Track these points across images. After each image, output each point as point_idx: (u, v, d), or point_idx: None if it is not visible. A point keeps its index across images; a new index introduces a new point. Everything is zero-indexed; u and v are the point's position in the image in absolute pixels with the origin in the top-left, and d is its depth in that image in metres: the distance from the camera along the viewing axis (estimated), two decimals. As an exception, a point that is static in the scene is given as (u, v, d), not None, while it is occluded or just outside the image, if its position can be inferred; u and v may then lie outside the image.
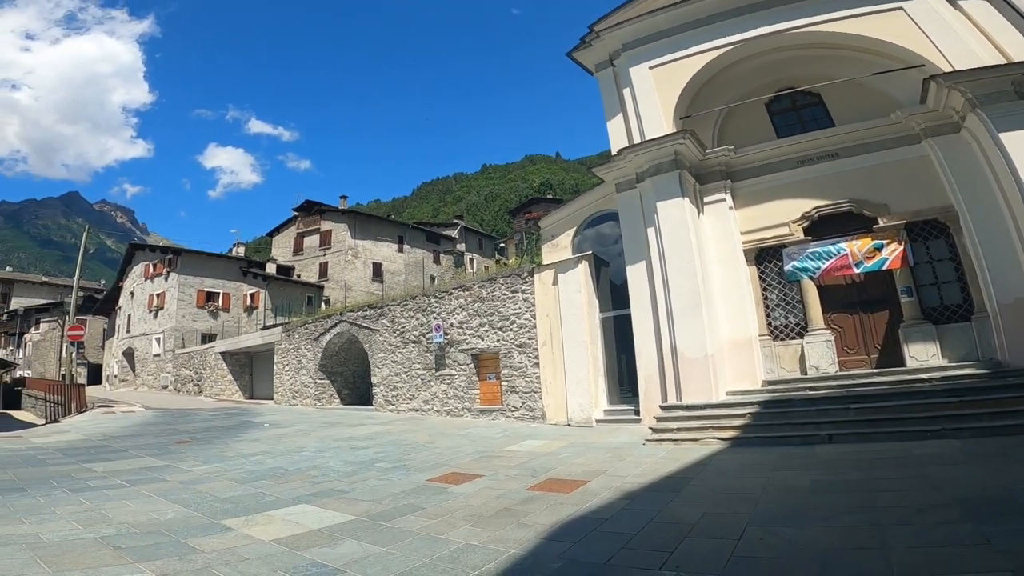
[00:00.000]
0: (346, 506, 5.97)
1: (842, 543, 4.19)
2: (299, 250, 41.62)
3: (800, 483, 6.11)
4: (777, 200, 11.74)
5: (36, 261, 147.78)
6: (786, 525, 4.70)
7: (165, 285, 32.95)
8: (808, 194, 11.48)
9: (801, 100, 12.34)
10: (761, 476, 6.56)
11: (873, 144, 11.03)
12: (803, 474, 6.49)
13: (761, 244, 11.85)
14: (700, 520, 5.00)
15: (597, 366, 12.70)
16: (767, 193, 11.86)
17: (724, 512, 5.24)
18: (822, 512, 4.96)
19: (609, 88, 13.08)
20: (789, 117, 12.47)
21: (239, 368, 26.66)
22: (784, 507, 5.27)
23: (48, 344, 39.64)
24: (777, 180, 11.81)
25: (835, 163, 11.36)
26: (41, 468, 8.56)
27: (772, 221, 11.70)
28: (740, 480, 6.56)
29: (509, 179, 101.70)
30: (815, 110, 12.20)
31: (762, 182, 11.94)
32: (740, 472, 6.97)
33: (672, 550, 4.28)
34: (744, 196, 12.09)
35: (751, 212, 11.97)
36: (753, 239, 11.88)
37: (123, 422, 16.07)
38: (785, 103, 12.48)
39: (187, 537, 4.77)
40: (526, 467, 7.95)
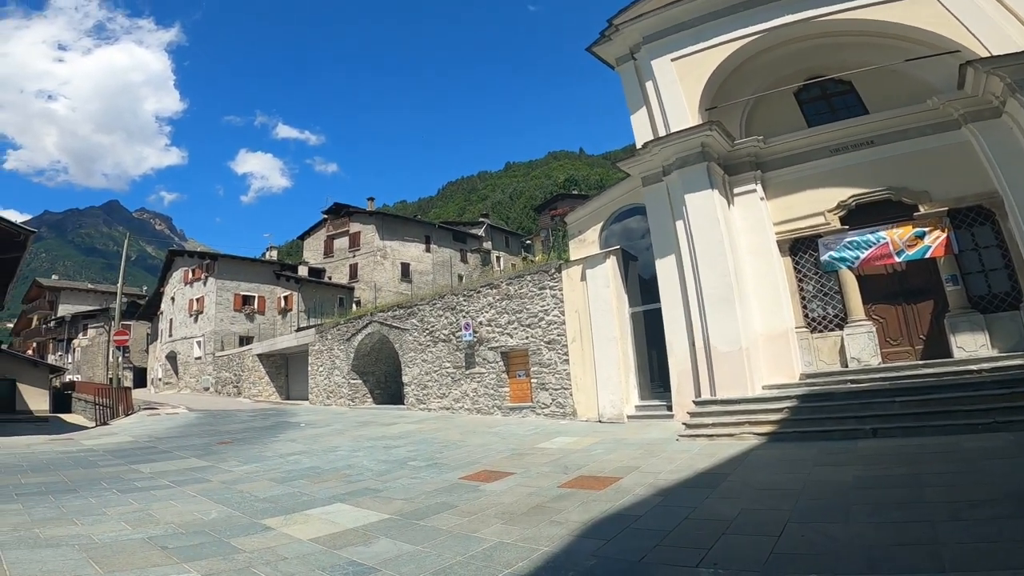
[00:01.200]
0: (380, 505, 6.04)
1: (890, 539, 4.04)
2: (329, 252, 42.42)
3: (843, 478, 5.92)
4: (811, 189, 11.43)
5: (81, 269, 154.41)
6: (829, 521, 4.56)
7: (204, 290, 34.02)
8: (844, 182, 11.15)
9: (832, 88, 12.01)
10: (801, 472, 6.38)
11: (911, 131, 10.65)
12: (846, 469, 6.28)
13: (795, 234, 11.55)
14: (737, 517, 4.89)
15: (627, 361, 12.56)
16: (800, 182, 11.57)
17: (763, 508, 5.11)
18: (867, 508, 4.79)
19: (631, 82, 12.93)
20: (820, 106, 12.16)
21: (275, 369, 27.33)
22: (827, 503, 5.12)
23: (95, 349, 41.41)
24: (810, 169, 11.50)
25: (871, 151, 11.00)
26: (92, 470, 8.92)
27: (806, 211, 11.39)
28: (779, 476, 6.39)
29: (533, 176, 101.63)
30: (847, 98, 11.86)
31: (794, 171, 11.64)
32: (779, 468, 6.80)
33: (708, 547, 4.20)
34: (775, 186, 11.81)
35: (784, 202, 11.68)
36: (787, 229, 11.59)
37: (168, 424, 16.67)
38: (815, 92, 12.15)
39: (230, 537, 4.89)
40: (557, 464, 7.92)
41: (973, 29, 9.36)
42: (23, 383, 25.13)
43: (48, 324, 48.15)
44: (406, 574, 3.97)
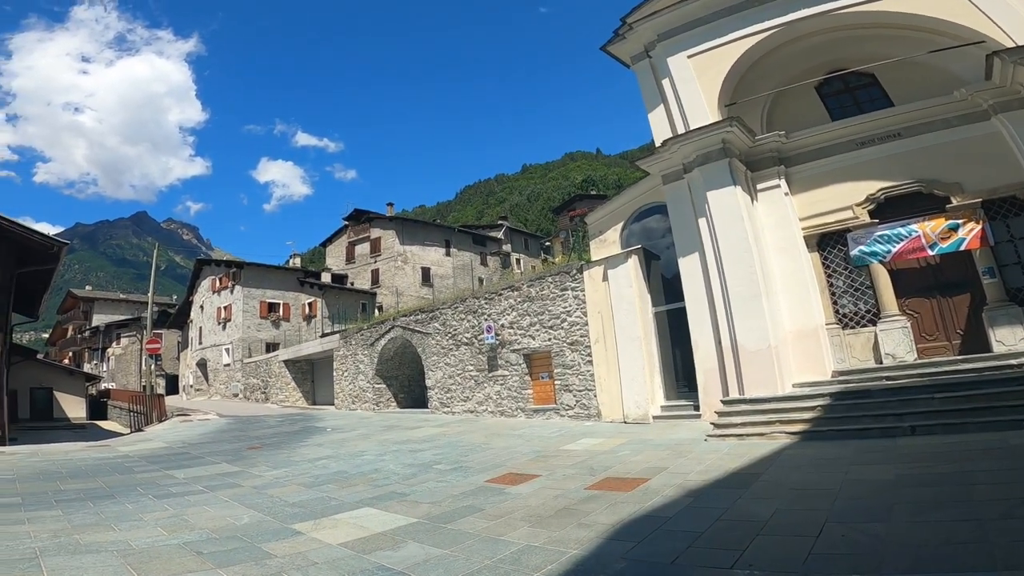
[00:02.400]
0: (407, 509, 6.04)
1: (936, 538, 3.89)
2: (351, 258, 42.96)
3: (883, 477, 5.73)
4: (837, 183, 11.20)
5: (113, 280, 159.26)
6: (871, 521, 4.41)
7: (231, 298, 34.74)
8: (871, 176, 10.89)
9: (854, 81, 11.75)
10: (838, 470, 6.20)
11: (938, 122, 10.36)
12: (886, 468, 6.08)
13: (823, 229, 11.30)
14: (772, 517, 4.76)
15: (652, 361, 12.41)
16: (826, 177, 11.34)
17: (799, 509, 4.97)
18: (911, 507, 4.63)
19: (647, 80, 12.82)
20: (843, 99, 11.90)
21: (301, 375, 27.73)
22: (867, 502, 4.95)
23: (129, 357, 42.57)
24: (836, 163, 11.27)
25: (899, 143, 10.73)
26: (128, 476, 9.10)
27: (833, 205, 11.15)
28: (815, 475, 6.22)
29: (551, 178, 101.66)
30: (871, 91, 11.60)
31: (819, 166, 11.42)
32: (814, 467, 6.62)
33: (743, 549, 4.09)
34: (800, 181, 11.59)
35: (809, 197, 11.45)
36: (814, 224, 11.35)
37: (199, 430, 17.02)
38: (837, 85, 11.92)
39: (261, 542, 4.93)
40: (583, 466, 7.84)
41: (998, 20, 9.11)
42: (60, 391, 25.99)
43: (83, 333, 49.64)
44: (434, 578, 3.95)
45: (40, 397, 25.18)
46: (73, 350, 50.29)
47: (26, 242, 15.34)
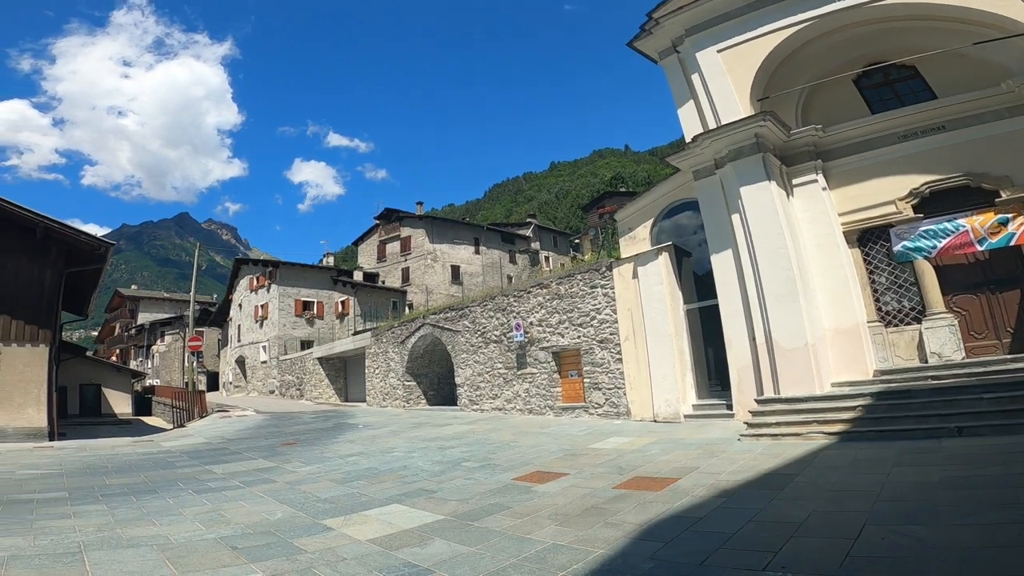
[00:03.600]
0: (435, 506, 6.08)
1: (984, 542, 3.71)
2: (382, 257, 43.58)
3: (927, 479, 5.50)
4: (879, 178, 10.80)
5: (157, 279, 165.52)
6: (914, 523, 4.23)
7: (267, 296, 35.68)
8: (915, 169, 10.48)
9: (895, 74, 11.35)
10: (879, 472, 5.98)
11: (987, 115, 9.90)
12: (930, 469, 5.84)
13: (864, 225, 10.93)
14: (808, 519, 4.62)
15: (683, 359, 12.20)
16: (866, 171, 10.96)
17: (836, 510, 4.81)
18: (957, 510, 4.42)
19: (676, 75, 12.61)
20: (883, 92, 11.49)
21: (334, 372, 28.30)
22: (910, 505, 4.76)
23: (172, 355, 44.21)
24: (877, 157, 10.87)
25: (944, 136, 10.30)
26: (170, 471, 9.43)
27: (875, 200, 10.76)
28: (854, 476, 6.01)
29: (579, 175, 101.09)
30: (912, 83, 11.18)
31: (859, 160, 11.03)
32: (853, 468, 6.40)
33: (776, 550, 3.98)
34: (839, 176, 11.23)
35: (849, 192, 11.09)
36: (854, 220, 10.99)
37: (238, 426, 17.55)
38: (876, 78, 11.52)
39: (293, 537, 5.02)
40: (612, 465, 7.76)
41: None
42: (108, 388, 27.10)
43: (129, 331, 51.72)
44: (460, 575, 3.95)
45: (89, 393, 26.31)
46: (120, 347, 52.45)
47: (74, 243, 16.08)
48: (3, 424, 14.49)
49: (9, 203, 15.10)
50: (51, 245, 15.66)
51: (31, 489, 7.60)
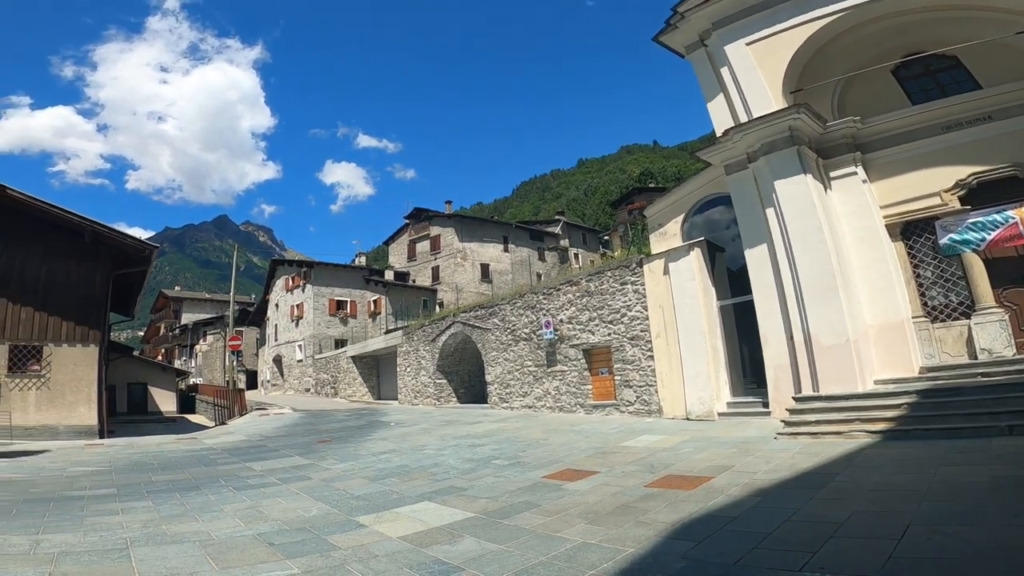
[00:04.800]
0: (465, 503, 6.11)
1: (1035, 543, 3.51)
2: (412, 256, 44.08)
3: (976, 479, 5.25)
4: (922, 169, 10.41)
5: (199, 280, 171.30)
6: (962, 524, 4.05)
7: (303, 296, 36.54)
8: (960, 160, 10.06)
9: (935, 64, 10.95)
10: (925, 471, 5.74)
11: (1038, 104, 9.39)
12: (979, 469, 5.58)
13: (907, 217, 10.53)
14: (849, 519, 4.47)
15: (717, 356, 11.96)
16: (908, 163, 10.58)
17: (879, 510, 4.64)
18: (1007, 510, 4.22)
19: (704, 69, 12.42)
20: (924, 82, 11.12)
21: (367, 371, 28.79)
22: (957, 505, 4.56)
23: (214, 354, 45.72)
24: (919, 148, 10.47)
25: (990, 126, 9.85)
26: (212, 468, 9.73)
27: (918, 192, 10.37)
28: (898, 476, 5.79)
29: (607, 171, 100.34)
30: (954, 73, 10.79)
31: (901, 151, 10.66)
32: (897, 467, 6.16)
33: (815, 550, 3.85)
34: (879, 168, 10.87)
35: (891, 184, 10.71)
36: (896, 212, 10.59)
37: (275, 423, 18.03)
38: (916, 68, 11.13)
39: (327, 534, 5.11)
40: (643, 463, 7.65)
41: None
42: (154, 386, 28.24)
43: (173, 331, 53.77)
44: (489, 573, 3.95)
45: (136, 392, 27.46)
46: (165, 347, 54.59)
47: (121, 246, 16.80)
48: (56, 422, 15.25)
49: (59, 208, 15.87)
50: (99, 248, 16.39)
51: (82, 486, 7.95)
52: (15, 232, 15.47)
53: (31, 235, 15.63)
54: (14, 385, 14.93)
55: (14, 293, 15.30)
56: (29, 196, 15.47)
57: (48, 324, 15.61)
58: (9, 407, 14.47)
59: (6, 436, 13.18)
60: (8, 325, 15.14)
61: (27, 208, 15.43)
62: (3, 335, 15.02)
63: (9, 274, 15.33)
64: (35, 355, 15.39)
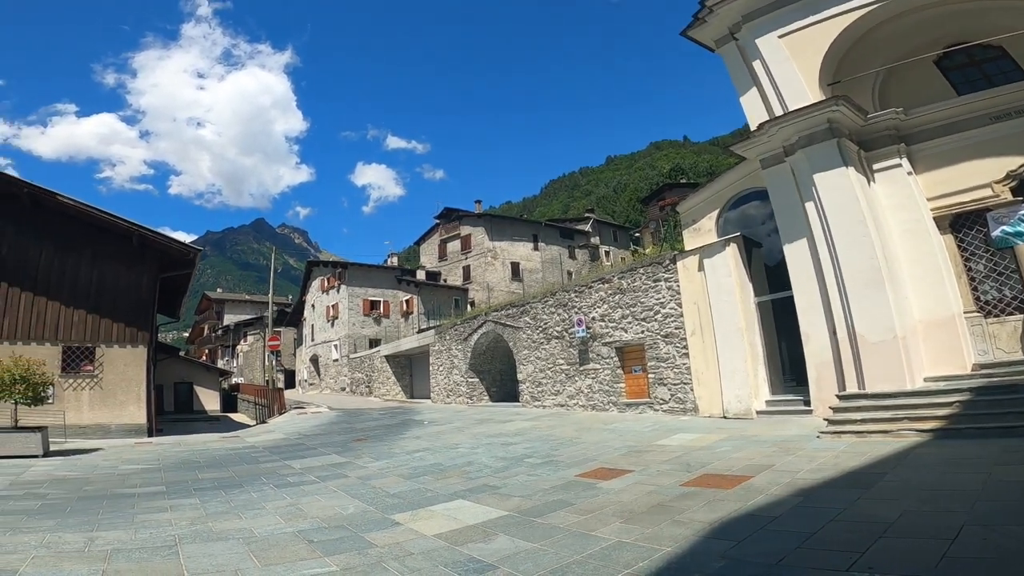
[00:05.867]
0: (498, 502, 6.11)
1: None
2: (443, 256, 44.42)
3: (1034, 478, 4.98)
4: (971, 160, 10.02)
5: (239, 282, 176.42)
6: (1019, 524, 3.87)
7: (338, 297, 37.25)
8: (1011, 151, 9.64)
9: (981, 54, 10.63)
10: (979, 471, 5.49)
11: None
12: (1036, 468, 5.29)
13: (956, 210, 10.13)
14: (899, 519, 4.30)
15: (755, 354, 11.66)
16: (956, 154, 10.19)
17: (931, 510, 4.47)
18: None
19: (736, 63, 12.22)
20: (969, 72, 10.80)
21: (400, 370, 29.18)
22: (1014, 504, 4.38)
23: (254, 354, 47.06)
24: (967, 139, 10.08)
25: None
26: (254, 465, 10.01)
27: (968, 183, 9.97)
28: (950, 476, 5.55)
29: (636, 168, 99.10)
30: (1000, 63, 10.45)
31: (948, 142, 10.28)
32: (949, 467, 5.91)
33: (863, 550, 3.72)
34: (925, 159, 10.50)
35: (938, 176, 10.33)
36: (944, 205, 10.21)
37: (313, 422, 18.44)
38: (959, 59, 10.84)
39: (364, 531, 5.18)
40: (679, 462, 7.51)
41: None
42: (199, 386, 29.23)
43: (216, 332, 55.57)
44: (524, 572, 3.93)
45: (182, 391, 28.49)
46: (208, 347, 56.49)
47: (166, 250, 17.47)
48: (108, 421, 15.96)
49: (108, 213, 16.61)
50: (146, 252, 17.09)
51: (133, 484, 8.28)
52: (67, 237, 16.26)
53: (82, 240, 16.40)
54: (68, 385, 15.69)
55: (67, 296, 16.08)
56: (79, 202, 16.26)
57: (100, 326, 16.34)
58: (63, 407, 15.19)
59: (61, 435, 13.81)
60: (61, 327, 15.92)
61: (78, 214, 16.21)
62: (57, 337, 15.81)
63: (62, 278, 16.12)
64: (88, 356, 16.13)
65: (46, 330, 15.74)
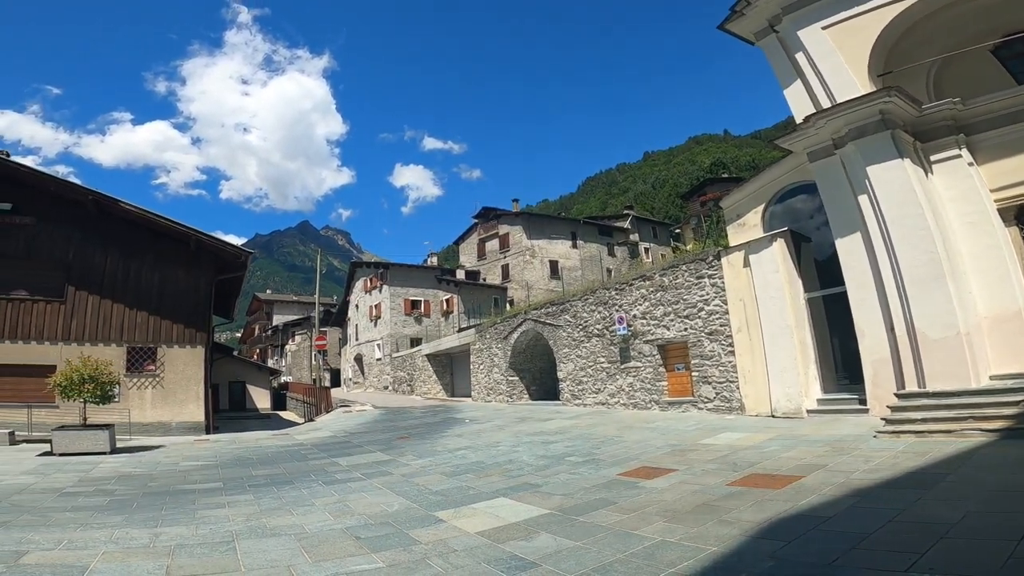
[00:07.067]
0: (540, 500, 6.11)
1: None
2: (482, 255, 44.72)
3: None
4: (1037, 149, 9.43)
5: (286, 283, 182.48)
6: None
7: (380, 297, 38.04)
8: None
9: None
10: (1049, 473, 5.15)
11: None
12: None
13: (1022, 201, 9.56)
14: (962, 520, 4.10)
15: (806, 351, 11.26)
16: (1021, 143, 9.61)
17: (996, 512, 4.25)
18: None
19: (777, 56, 11.87)
20: None
21: (441, 368, 29.55)
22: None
23: (302, 353, 48.62)
24: (1033, 128, 9.48)
25: None
26: (303, 463, 10.33)
27: (1035, 174, 9.37)
28: (1018, 476, 5.27)
29: (675, 163, 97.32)
30: None
31: (1011, 132, 9.71)
32: (1018, 468, 5.60)
33: (922, 552, 3.56)
34: (987, 150, 9.98)
35: (1002, 166, 9.78)
36: (1009, 196, 9.67)
37: (358, 420, 18.91)
38: (1018, 47, 10.37)
39: (408, 528, 5.28)
40: (725, 461, 7.34)
41: None
42: (251, 384, 30.46)
43: (266, 332, 57.64)
44: (565, 570, 3.93)
45: (236, 390, 29.74)
46: (259, 347, 58.65)
47: (221, 253, 18.28)
48: (169, 419, 16.82)
49: (167, 219, 17.51)
50: (202, 256, 17.91)
51: (193, 480, 8.70)
52: (130, 242, 17.24)
53: (144, 245, 17.35)
54: (132, 384, 16.62)
55: (131, 299, 17.03)
56: (141, 208, 17.23)
57: (161, 327, 17.24)
58: (128, 405, 16.11)
59: (125, 432, 14.60)
60: (126, 328, 16.88)
61: (139, 220, 17.17)
62: (121, 338, 16.76)
63: (126, 281, 17.09)
64: (150, 356, 17.04)
65: (112, 331, 16.71)
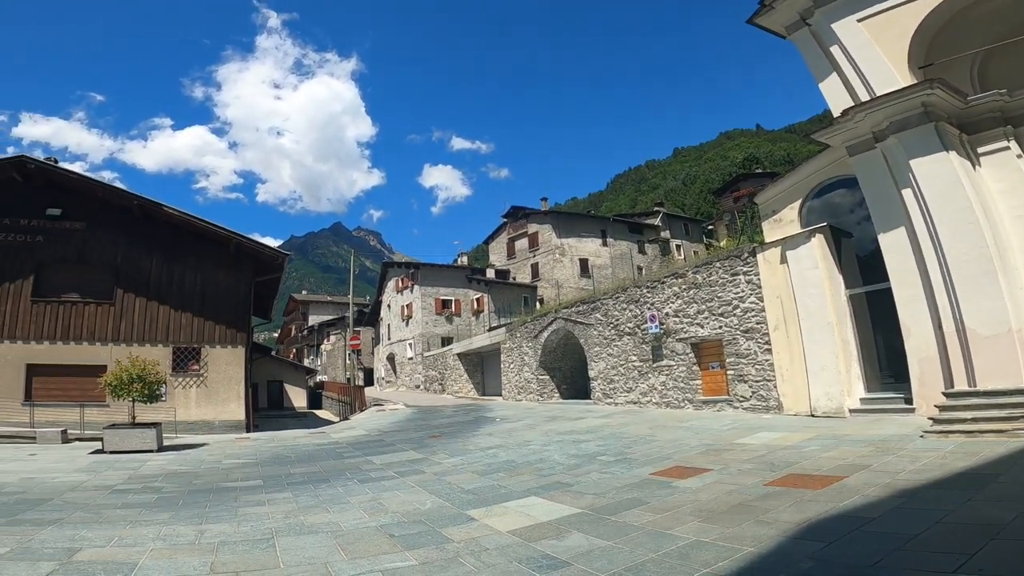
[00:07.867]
0: (571, 499, 6.08)
1: None
2: (512, 254, 44.74)
3: None
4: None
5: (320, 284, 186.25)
6: None
7: (411, 296, 38.49)
8: None
9: None
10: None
11: None
12: None
13: None
14: (1013, 521, 3.93)
15: (848, 349, 10.90)
16: None
17: (1052, 513, 4.02)
18: None
19: (811, 49, 11.58)
20: None
21: (472, 367, 29.71)
22: None
23: (336, 353, 49.59)
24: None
25: None
26: (339, 461, 10.53)
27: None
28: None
29: (706, 159, 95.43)
30: None
31: None
32: (1076, 470, 5.27)
33: (971, 553, 3.43)
34: None
35: None
36: None
37: (391, 419, 19.19)
38: None
39: (441, 527, 5.33)
40: (761, 461, 7.16)
41: None
42: (288, 383, 31.29)
43: (302, 332, 59.08)
44: (598, 569, 3.90)
45: (274, 389, 30.60)
46: (295, 347, 60.16)
47: (259, 255, 18.83)
48: (211, 417, 17.41)
49: (208, 222, 18.13)
50: (241, 258, 18.48)
51: (235, 478, 8.97)
52: (173, 245, 17.93)
53: (186, 248, 18.02)
54: (177, 383, 17.27)
55: (175, 300, 17.70)
56: (184, 212, 17.89)
57: (204, 328, 17.87)
58: (174, 404, 16.75)
59: (171, 430, 15.18)
60: (171, 329, 17.55)
61: (182, 224, 17.83)
62: (167, 339, 17.44)
63: (171, 284, 17.78)
64: (194, 356, 17.67)
65: (158, 332, 17.40)
